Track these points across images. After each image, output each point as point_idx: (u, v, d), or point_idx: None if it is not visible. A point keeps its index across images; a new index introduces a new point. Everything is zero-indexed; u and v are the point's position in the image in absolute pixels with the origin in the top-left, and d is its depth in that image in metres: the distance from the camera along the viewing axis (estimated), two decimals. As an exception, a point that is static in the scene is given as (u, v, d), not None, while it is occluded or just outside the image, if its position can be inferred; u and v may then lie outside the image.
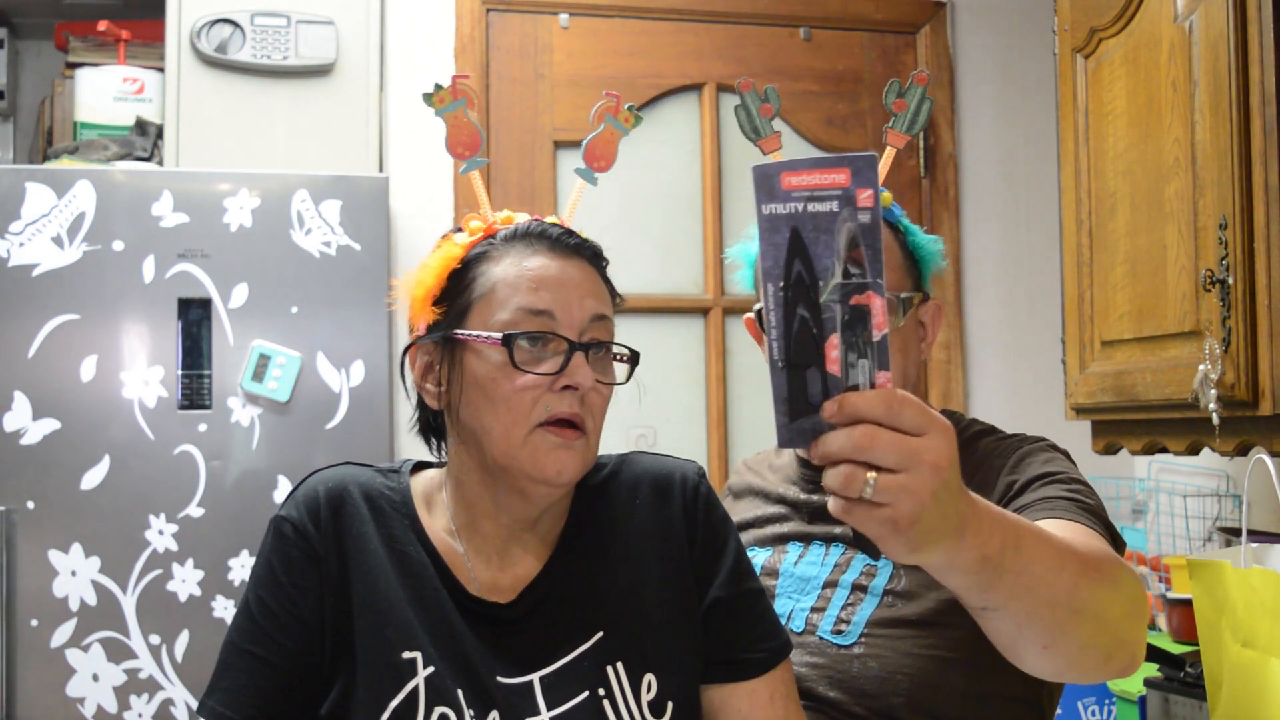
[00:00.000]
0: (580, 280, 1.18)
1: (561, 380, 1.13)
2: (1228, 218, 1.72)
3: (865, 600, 1.38)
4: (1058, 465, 1.38)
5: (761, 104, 1.43)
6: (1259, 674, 1.52)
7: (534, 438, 1.14)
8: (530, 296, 1.15)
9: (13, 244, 2.38)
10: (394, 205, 2.77)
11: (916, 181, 3.17)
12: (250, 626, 1.17)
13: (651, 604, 1.21)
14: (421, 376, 1.21)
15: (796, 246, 0.83)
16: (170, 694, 2.37)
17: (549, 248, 1.19)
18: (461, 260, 1.19)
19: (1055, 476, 1.35)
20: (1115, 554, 1.13)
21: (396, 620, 1.15)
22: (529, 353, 1.14)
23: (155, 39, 2.80)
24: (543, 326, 1.14)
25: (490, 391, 1.14)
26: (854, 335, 0.83)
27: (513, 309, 1.15)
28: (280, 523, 1.19)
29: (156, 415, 2.43)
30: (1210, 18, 1.77)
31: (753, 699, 1.22)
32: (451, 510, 1.22)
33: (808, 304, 0.82)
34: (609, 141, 1.34)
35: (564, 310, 1.15)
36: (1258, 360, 1.69)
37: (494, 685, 1.14)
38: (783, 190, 0.83)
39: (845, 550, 1.42)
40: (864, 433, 0.80)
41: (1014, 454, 1.42)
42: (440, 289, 1.19)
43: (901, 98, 1.46)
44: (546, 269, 1.17)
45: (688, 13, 3.06)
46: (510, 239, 1.20)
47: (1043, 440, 1.45)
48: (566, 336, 1.15)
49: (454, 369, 1.17)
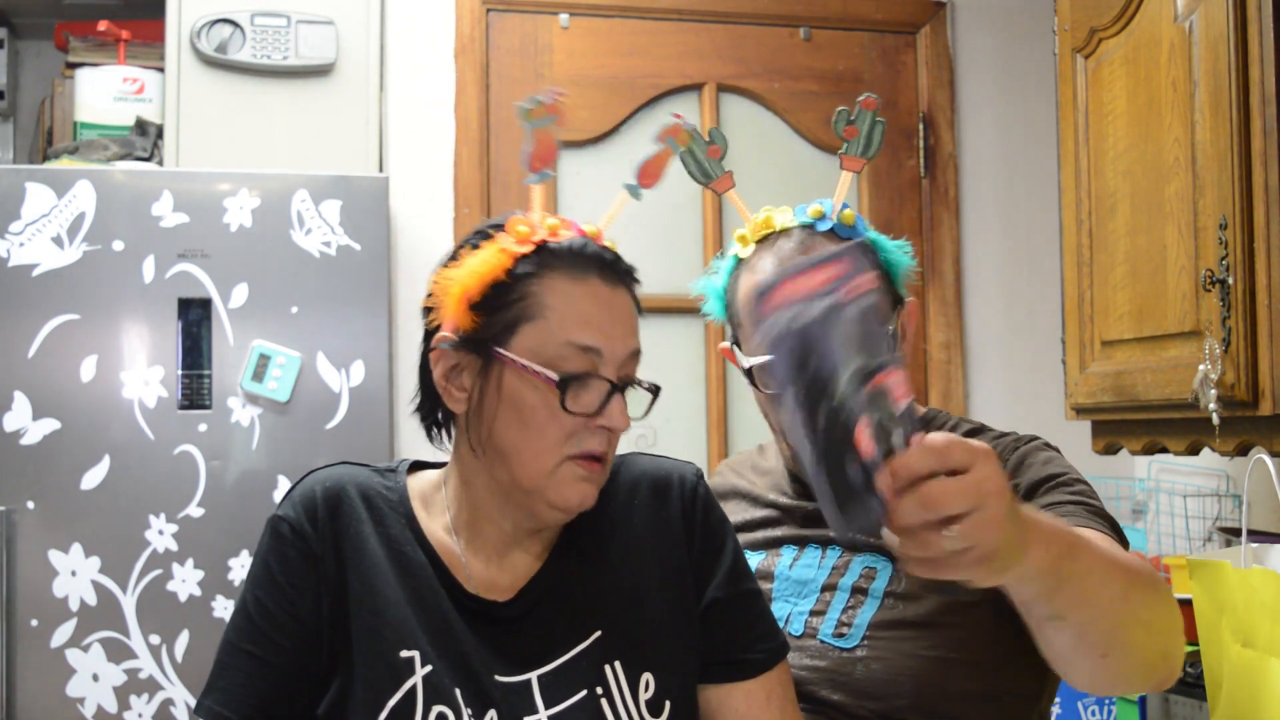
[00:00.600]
0: (624, 314, 1.18)
1: (599, 420, 1.14)
2: (1228, 218, 1.72)
3: (866, 603, 1.38)
4: (1057, 466, 1.38)
5: (709, 146, 1.42)
6: (1259, 674, 1.52)
7: (562, 469, 1.14)
8: (581, 332, 1.14)
9: (13, 244, 2.38)
10: (394, 205, 2.77)
11: (916, 181, 3.17)
12: (247, 626, 1.17)
13: (650, 604, 1.21)
14: (446, 377, 1.18)
15: (805, 349, 0.83)
16: (170, 694, 2.37)
17: (599, 274, 1.17)
18: (506, 271, 1.16)
19: (1059, 479, 1.35)
20: (1148, 563, 1.16)
21: (394, 619, 1.15)
22: (574, 391, 1.13)
23: (155, 39, 2.80)
24: (590, 366, 1.14)
25: (527, 418, 1.14)
26: (879, 413, 0.84)
27: (562, 343, 1.13)
28: (277, 522, 1.19)
29: (156, 415, 2.43)
30: (1210, 18, 1.77)
31: (749, 699, 1.22)
32: (453, 510, 1.22)
33: (828, 400, 0.83)
34: (661, 161, 1.32)
35: (610, 349, 1.15)
36: (1258, 360, 1.69)
37: (492, 684, 1.14)
38: (782, 300, 0.84)
39: (842, 553, 1.42)
40: (930, 491, 0.82)
41: (1012, 453, 1.42)
42: (481, 295, 1.16)
43: (852, 124, 1.47)
44: (596, 302, 1.15)
45: (688, 13, 3.06)
46: (559, 257, 1.16)
47: (1036, 439, 1.45)
48: (609, 378, 1.14)
49: (489, 383, 1.15)
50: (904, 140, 3.17)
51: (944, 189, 3.17)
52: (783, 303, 0.84)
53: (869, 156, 1.47)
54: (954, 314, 3.15)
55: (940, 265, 3.15)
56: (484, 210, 2.90)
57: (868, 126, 1.46)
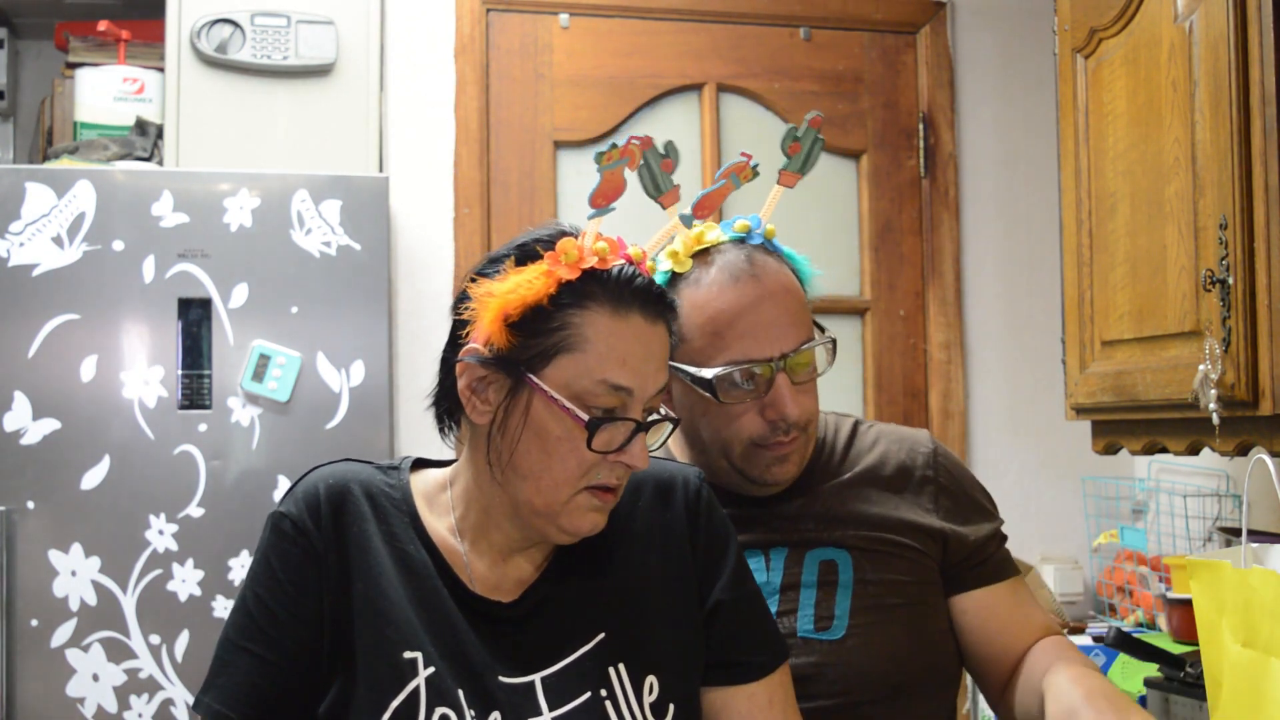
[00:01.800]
0: (659, 351, 1.16)
1: (621, 457, 1.14)
2: (1228, 218, 1.72)
3: (839, 593, 1.41)
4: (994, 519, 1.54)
5: (662, 159, 1.42)
6: (1259, 674, 1.52)
7: (578, 499, 1.14)
8: (617, 372, 1.12)
9: (13, 244, 2.38)
10: (394, 205, 2.77)
11: (916, 181, 3.17)
12: (248, 623, 1.16)
13: (654, 606, 1.21)
14: (471, 389, 1.16)
15: None
16: (170, 694, 2.37)
17: (641, 310, 1.15)
18: (551, 298, 1.13)
19: (984, 539, 1.49)
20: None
21: (397, 620, 1.15)
22: (601, 433, 1.13)
23: (155, 39, 2.80)
24: (619, 404, 1.13)
25: (550, 448, 1.13)
26: None
27: (597, 380, 1.12)
28: (279, 519, 1.18)
29: (156, 415, 2.43)
30: (1210, 18, 1.77)
31: (752, 702, 1.22)
32: (459, 511, 1.21)
33: None
34: (722, 195, 1.33)
35: (641, 388, 1.14)
36: (1258, 360, 1.69)
37: (495, 685, 1.14)
38: None
39: (788, 552, 1.43)
40: None
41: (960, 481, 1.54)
42: (520, 316, 1.13)
43: (797, 141, 1.50)
44: (636, 340, 1.14)
45: (688, 13, 3.06)
46: (606, 289, 1.14)
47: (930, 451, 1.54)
48: (636, 418, 1.14)
49: (516, 405, 1.14)
50: (904, 140, 3.17)
51: (944, 189, 3.17)
52: None
53: (805, 172, 1.51)
54: (954, 314, 3.15)
55: (940, 265, 3.15)
56: (484, 210, 2.90)
57: (809, 144, 1.50)
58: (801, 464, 1.44)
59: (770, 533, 1.44)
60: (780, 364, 1.37)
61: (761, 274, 1.39)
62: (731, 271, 1.39)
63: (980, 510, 1.52)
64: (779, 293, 1.39)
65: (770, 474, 1.41)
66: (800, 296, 1.43)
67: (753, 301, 1.38)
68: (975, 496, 1.53)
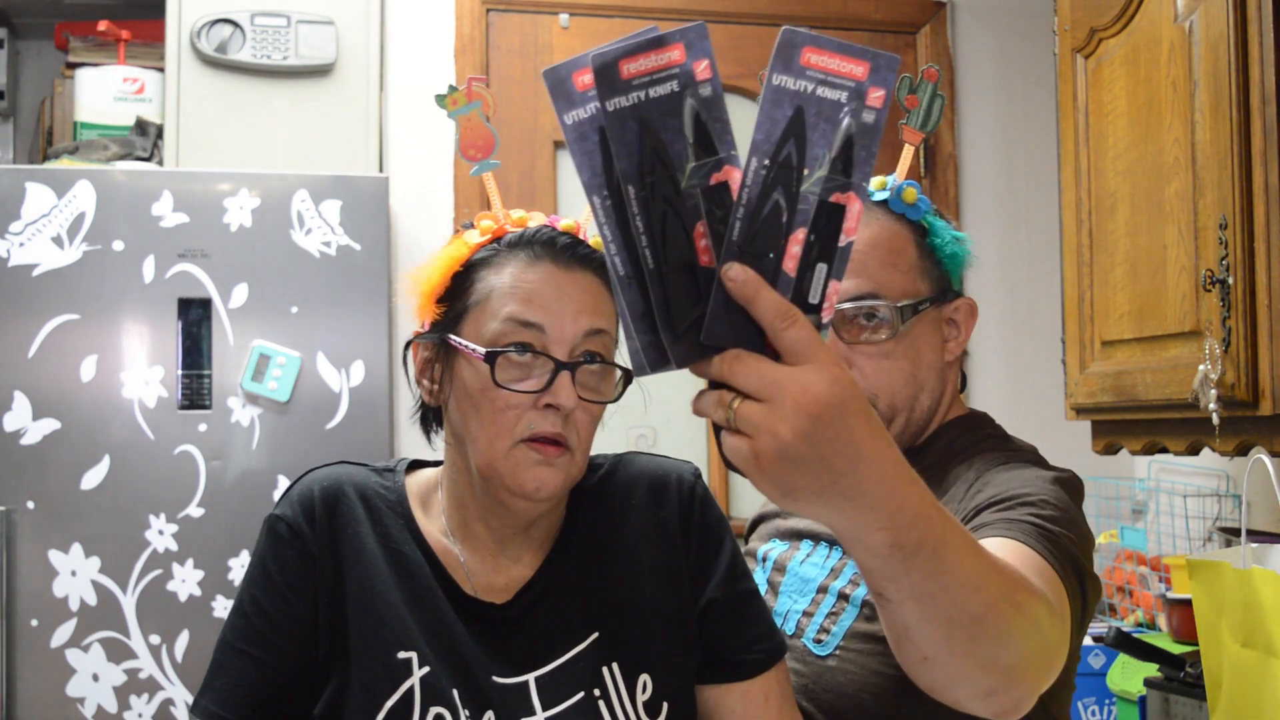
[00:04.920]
0: (579, 294, 1.15)
1: (544, 399, 1.12)
2: (1228, 218, 1.72)
3: (846, 610, 1.33)
4: (1029, 485, 1.25)
5: None
6: (1259, 674, 1.52)
7: (515, 452, 1.12)
8: (521, 308, 1.13)
9: (13, 244, 2.38)
10: (394, 205, 2.77)
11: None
12: (244, 625, 1.17)
13: (647, 605, 1.21)
14: (420, 372, 1.20)
15: (795, 127, 0.76)
16: (170, 694, 2.37)
17: (553, 258, 1.15)
18: (465, 262, 1.18)
19: (1018, 499, 1.22)
20: (1048, 593, 1.02)
21: (392, 620, 1.15)
22: (514, 369, 1.12)
23: (155, 39, 2.80)
24: (530, 340, 1.12)
25: (477, 402, 1.13)
26: (821, 234, 0.77)
27: (503, 319, 1.12)
28: (275, 522, 1.19)
29: (156, 415, 2.43)
30: (1210, 18, 1.77)
31: (746, 699, 1.21)
32: (448, 510, 1.22)
33: (786, 189, 0.76)
34: None
35: (556, 325, 1.13)
36: (1258, 360, 1.69)
37: (489, 685, 1.14)
38: (799, 65, 0.78)
39: (842, 555, 1.37)
40: (731, 354, 0.76)
41: (1000, 465, 1.32)
42: (443, 288, 1.17)
43: (914, 93, 1.43)
44: (544, 281, 1.14)
45: (688, 13, 3.06)
46: (515, 245, 1.17)
47: (1048, 474, 1.31)
48: (553, 355, 1.12)
49: (446, 372, 1.17)
50: (904, 140, 3.17)
51: (944, 189, 3.17)
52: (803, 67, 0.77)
53: (928, 130, 1.43)
54: (954, 314, 3.15)
55: (940, 265, 3.15)
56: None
57: (928, 98, 1.42)
58: None
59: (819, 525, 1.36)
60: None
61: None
62: None
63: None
64: (857, 244, 1.26)
65: None
66: (889, 254, 1.34)
67: None
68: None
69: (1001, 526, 1.17)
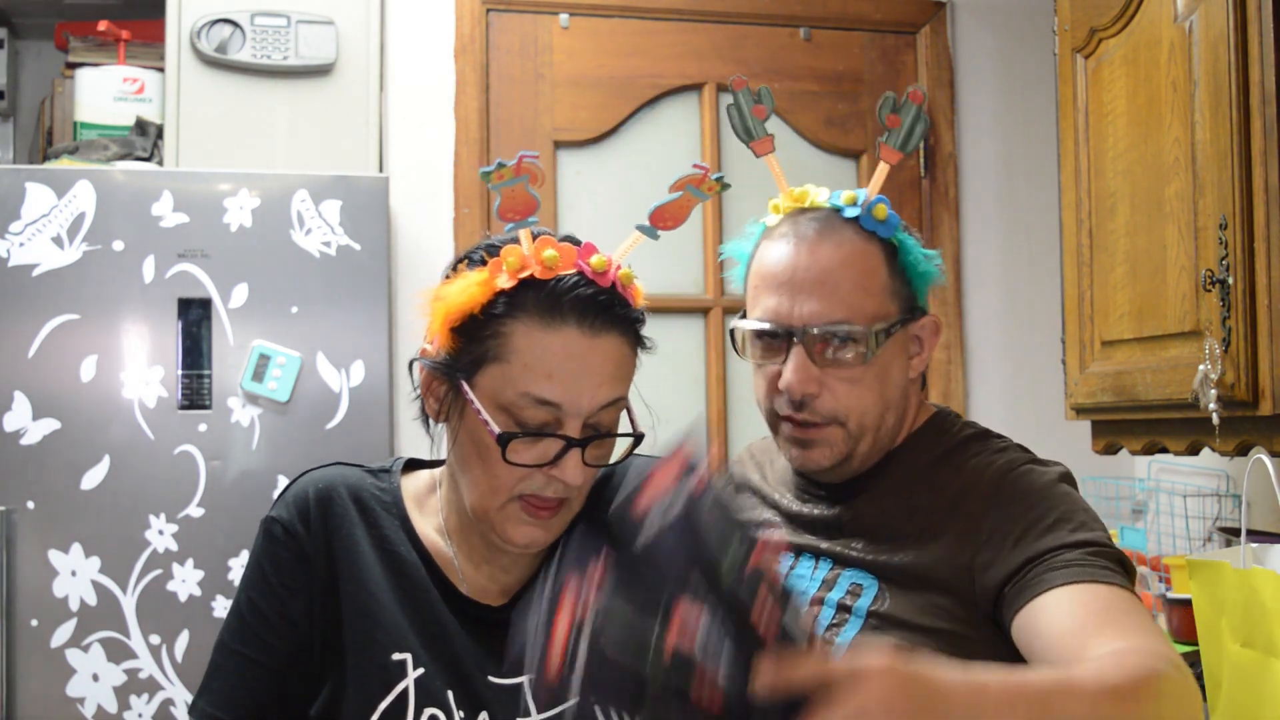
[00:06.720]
0: (602, 363, 1.11)
1: (552, 472, 1.11)
2: (1228, 218, 1.72)
3: (850, 622, 1.31)
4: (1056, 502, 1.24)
5: (754, 104, 1.40)
6: (1259, 674, 1.52)
7: (510, 508, 1.13)
8: (541, 384, 1.09)
9: (13, 244, 2.38)
10: (394, 205, 2.77)
11: (916, 181, 3.17)
12: (240, 627, 1.18)
13: None
14: (426, 385, 1.18)
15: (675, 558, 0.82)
16: (170, 694, 2.37)
17: (578, 322, 1.10)
18: (487, 302, 1.11)
19: (1058, 523, 1.22)
20: (1157, 664, 1.00)
21: (386, 621, 1.15)
22: (525, 447, 1.10)
23: (155, 39, 2.80)
24: (546, 419, 1.10)
25: (481, 454, 1.12)
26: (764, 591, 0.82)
27: (520, 392, 1.09)
28: (270, 524, 1.19)
29: (156, 415, 2.43)
30: (1210, 18, 1.77)
31: None
32: (444, 513, 1.22)
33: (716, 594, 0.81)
34: (683, 206, 1.26)
35: (574, 401, 1.10)
36: (1258, 360, 1.69)
37: (484, 686, 1.14)
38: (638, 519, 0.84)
39: (833, 566, 1.36)
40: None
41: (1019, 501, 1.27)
42: (460, 321, 1.13)
43: (895, 113, 1.42)
44: (566, 353, 1.09)
45: (688, 13, 3.06)
46: (536, 299, 1.10)
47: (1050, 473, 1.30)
48: (566, 435, 1.10)
49: (454, 406, 1.15)
50: (904, 140, 3.17)
51: (944, 189, 3.17)
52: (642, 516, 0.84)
53: (907, 151, 1.42)
54: (954, 314, 3.15)
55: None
56: (484, 210, 2.90)
57: (911, 119, 1.41)
58: (831, 460, 1.33)
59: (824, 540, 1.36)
60: (800, 335, 1.30)
61: (823, 242, 1.31)
62: (797, 231, 1.33)
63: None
64: (830, 265, 1.30)
65: (794, 463, 1.36)
66: (861, 276, 1.32)
67: (791, 264, 1.30)
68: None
69: (1060, 574, 1.17)
